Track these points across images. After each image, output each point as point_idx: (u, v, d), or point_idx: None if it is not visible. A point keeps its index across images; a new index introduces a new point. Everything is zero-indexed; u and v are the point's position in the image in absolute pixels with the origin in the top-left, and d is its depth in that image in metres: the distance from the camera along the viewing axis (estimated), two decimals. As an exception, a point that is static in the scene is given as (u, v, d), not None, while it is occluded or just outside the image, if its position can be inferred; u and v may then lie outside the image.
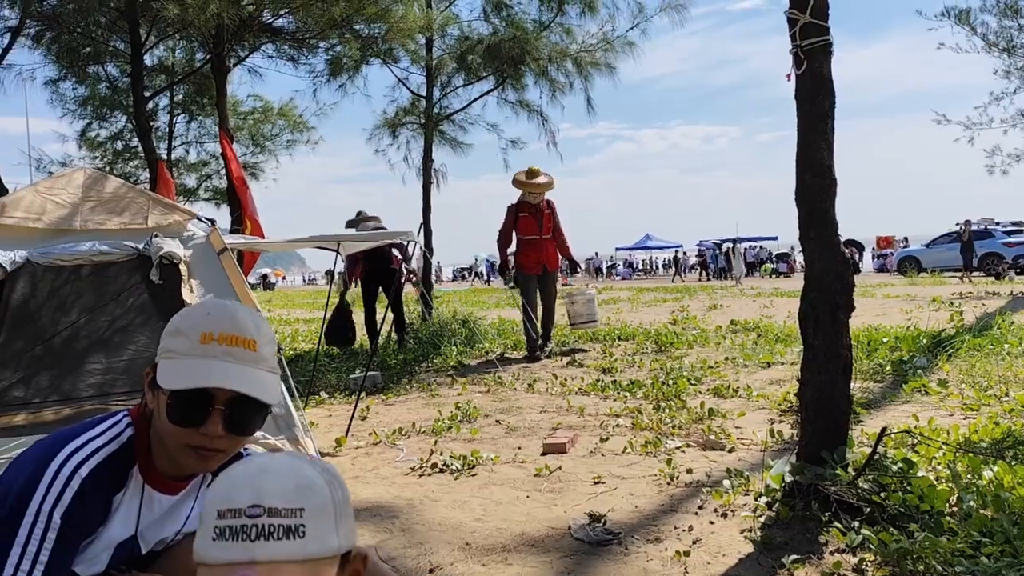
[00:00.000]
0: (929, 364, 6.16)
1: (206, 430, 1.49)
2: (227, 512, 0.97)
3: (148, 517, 1.62)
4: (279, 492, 0.98)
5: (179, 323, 1.54)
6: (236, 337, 1.52)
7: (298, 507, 0.98)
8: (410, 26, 8.94)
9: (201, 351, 1.50)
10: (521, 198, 8.53)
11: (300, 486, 1.00)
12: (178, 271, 4.53)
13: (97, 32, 10.11)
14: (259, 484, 0.98)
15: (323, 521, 1.00)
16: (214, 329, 1.51)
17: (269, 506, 0.96)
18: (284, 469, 1.01)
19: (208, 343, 1.50)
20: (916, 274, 24.77)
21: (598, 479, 3.94)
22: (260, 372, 1.54)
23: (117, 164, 16.37)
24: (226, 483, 1.01)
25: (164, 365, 1.51)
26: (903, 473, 3.10)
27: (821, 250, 3.31)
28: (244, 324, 1.55)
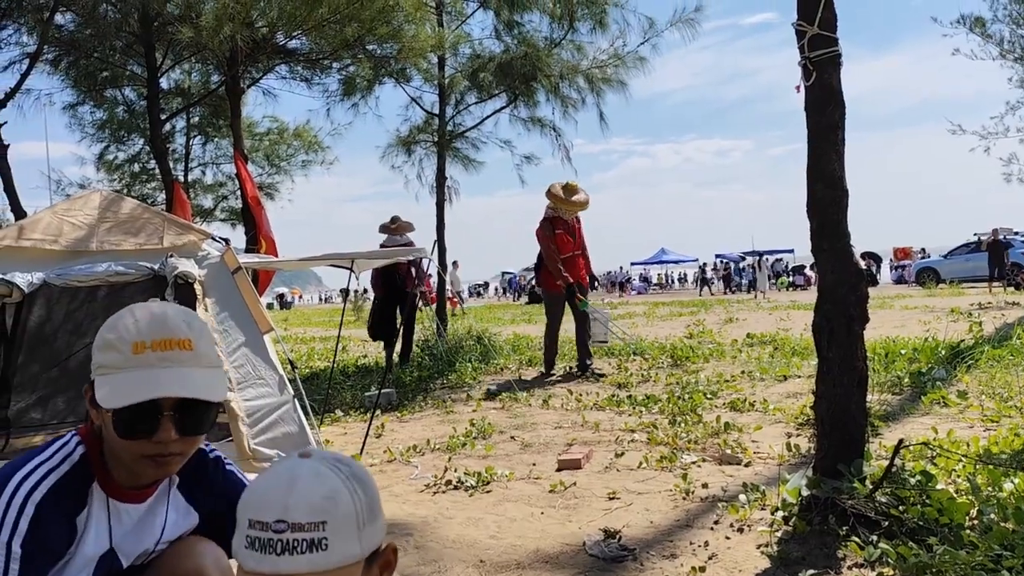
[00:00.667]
0: (948, 375, 6.09)
1: (159, 438, 1.45)
2: (256, 523, 1.03)
3: (121, 529, 1.59)
4: (303, 507, 1.03)
5: (108, 336, 1.48)
6: (169, 340, 1.47)
7: (321, 520, 1.03)
8: (422, 45, 9.01)
9: (136, 362, 1.45)
10: (554, 213, 8.16)
11: (324, 498, 1.04)
12: (193, 291, 4.57)
13: (114, 56, 10.26)
14: (285, 499, 1.03)
15: (345, 532, 1.04)
16: (145, 337, 1.46)
17: (293, 521, 1.02)
18: (310, 482, 1.05)
19: (141, 352, 1.45)
20: (935, 285, 24.54)
21: (613, 495, 3.92)
22: (200, 371, 1.49)
23: (134, 186, 16.55)
24: (258, 492, 1.06)
25: (101, 382, 1.46)
26: (922, 486, 3.06)
27: (834, 262, 3.30)
28: (175, 325, 1.49)
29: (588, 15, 10.36)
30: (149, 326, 1.47)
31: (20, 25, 9.05)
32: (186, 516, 1.71)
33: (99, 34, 8.77)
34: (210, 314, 4.57)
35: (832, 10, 3.32)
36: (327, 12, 7.63)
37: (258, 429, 4.35)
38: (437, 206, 10.85)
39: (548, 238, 8.03)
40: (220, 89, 11.31)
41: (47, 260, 4.49)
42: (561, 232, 8.09)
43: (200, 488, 1.72)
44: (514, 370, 8.69)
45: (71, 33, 9.36)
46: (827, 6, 3.29)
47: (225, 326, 4.58)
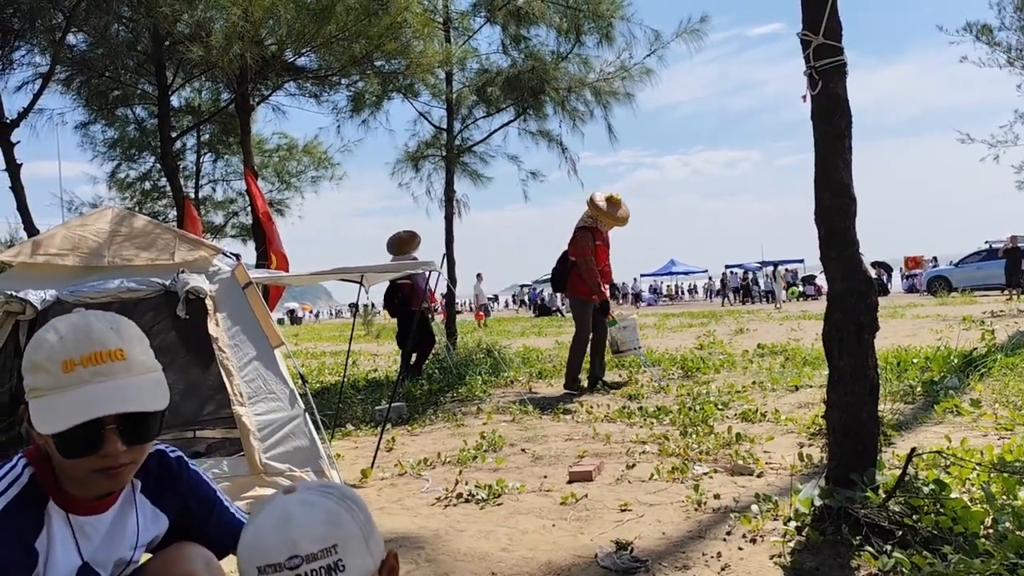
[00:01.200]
0: (961, 384, 6.05)
1: (105, 452, 1.40)
2: (268, 568, 1.03)
3: (89, 543, 1.55)
4: (310, 537, 1.03)
5: (34, 356, 1.41)
6: (99, 353, 1.40)
7: (331, 544, 1.04)
8: (429, 61, 9.06)
9: (67, 381, 1.38)
10: (591, 223, 7.94)
11: (326, 524, 1.05)
12: (204, 306, 4.59)
13: (125, 75, 10.37)
14: (289, 535, 1.03)
15: (356, 548, 1.07)
16: (73, 353, 1.39)
17: (306, 553, 1.02)
18: (306, 513, 1.06)
19: (72, 371, 1.38)
20: (947, 294, 24.41)
21: (625, 506, 3.91)
22: (137, 379, 1.43)
23: (146, 204, 16.69)
24: (257, 538, 1.06)
25: (35, 406, 1.39)
26: (935, 495, 3.03)
27: (842, 270, 3.29)
28: (103, 336, 1.42)
29: (594, 29, 10.41)
30: (75, 341, 1.40)
31: (33, 45, 9.16)
32: (155, 520, 1.68)
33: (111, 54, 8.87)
34: (221, 329, 4.60)
35: (837, 19, 3.34)
36: (335, 29, 7.70)
37: (269, 443, 4.36)
38: (446, 220, 10.89)
39: (589, 250, 7.80)
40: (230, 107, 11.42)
41: (60, 276, 4.53)
42: (599, 244, 7.94)
43: (165, 490, 1.69)
44: (524, 383, 8.69)
45: (83, 53, 9.47)
46: (832, 15, 3.31)
47: (236, 340, 4.61)
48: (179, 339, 5.18)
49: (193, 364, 5.60)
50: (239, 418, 4.37)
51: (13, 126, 9.31)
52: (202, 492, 1.75)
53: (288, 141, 18.48)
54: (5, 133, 9.20)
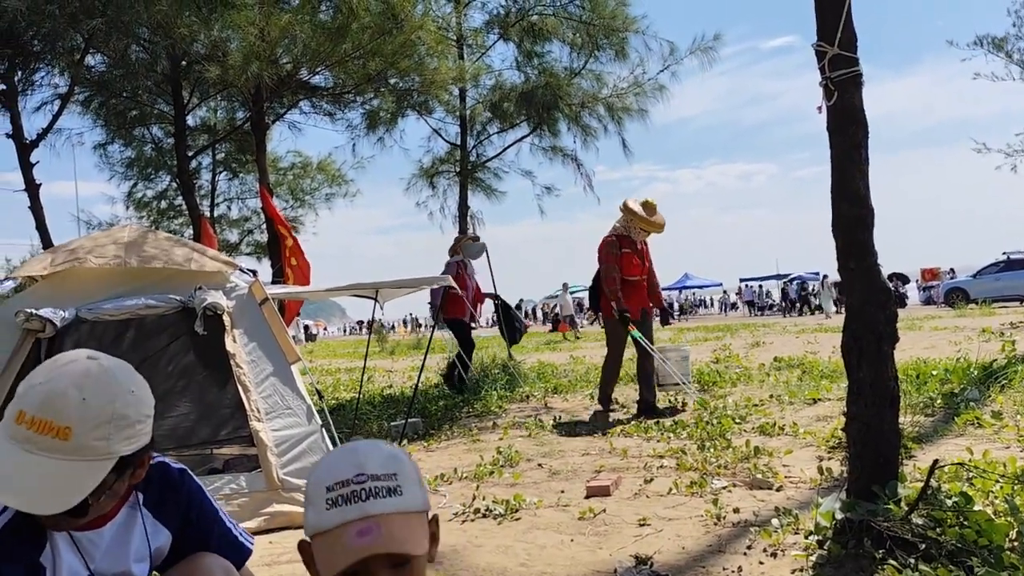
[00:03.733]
0: (981, 396, 5.98)
1: None
2: (336, 484, 1.15)
3: (94, 554, 1.56)
4: (376, 461, 1.17)
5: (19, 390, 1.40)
6: (47, 424, 1.34)
7: (393, 472, 1.17)
8: (443, 78, 9.13)
9: (11, 432, 1.36)
10: (624, 231, 7.35)
11: (390, 456, 1.20)
12: (221, 322, 4.62)
13: (143, 95, 10.50)
14: (358, 459, 1.17)
15: (412, 482, 1.19)
16: (28, 407, 1.35)
17: (371, 472, 1.16)
18: (372, 447, 1.21)
19: (18, 424, 1.35)
20: (964, 305, 24.19)
21: (643, 521, 3.88)
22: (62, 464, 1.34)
23: (162, 222, 16.84)
24: (328, 465, 1.19)
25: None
26: (959, 507, 3.00)
27: (861, 280, 3.27)
28: (62, 407, 1.35)
29: (608, 44, 10.46)
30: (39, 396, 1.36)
31: (52, 67, 9.30)
32: (157, 533, 1.68)
33: (129, 74, 8.99)
34: (238, 345, 4.63)
35: (852, 30, 3.34)
36: (351, 47, 7.76)
37: (287, 459, 4.37)
38: (460, 234, 10.92)
39: (613, 257, 7.22)
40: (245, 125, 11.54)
41: (80, 287, 4.56)
42: (628, 253, 7.31)
43: (167, 502, 1.69)
44: (540, 398, 8.67)
45: (102, 74, 9.60)
46: (847, 26, 3.31)
47: (253, 356, 4.63)
48: (196, 355, 5.21)
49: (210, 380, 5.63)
50: (256, 433, 4.39)
51: (33, 146, 9.44)
52: (204, 506, 1.76)
53: (302, 159, 18.65)
54: (25, 153, 9.33)
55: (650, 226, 7.29)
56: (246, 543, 1.83)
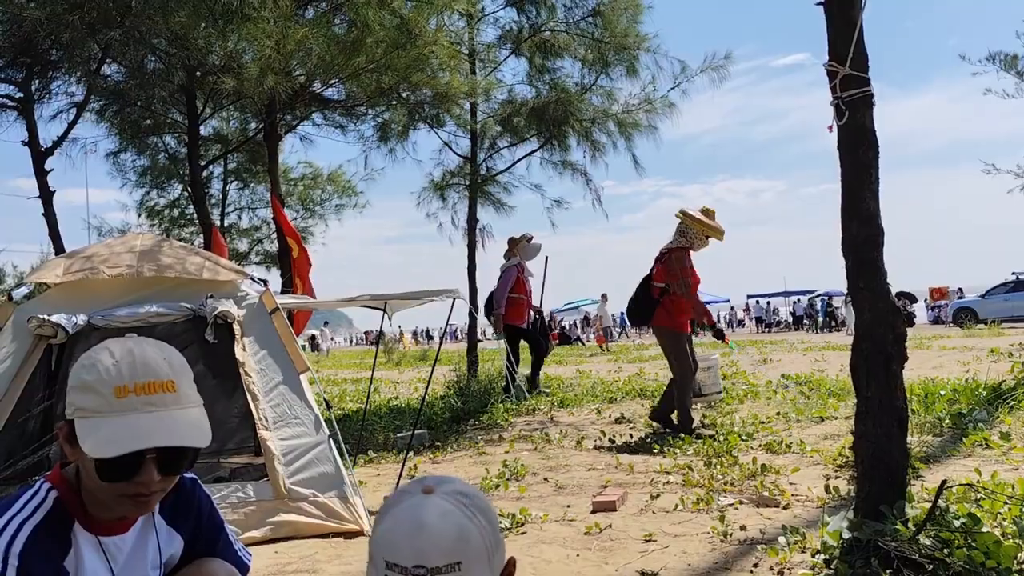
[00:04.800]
0: (990, 417, 5.96)
1: (140, 479, 1.42)
2: (394, 566, 1.08)
3: (117, 562, 1.57)
4: (440, 550, 1.08)
5: (85, 376, 1.41)
6: (153, 383, 1.42)
7: (456, 562, 1.08)
8: (455, 92, 9.18)
9: (119, 407, 1.39)
10: (688, 242, 6.85)
11: (457, 539, 1.09)
12: (232, 330, 4.65)
13: (157, 105, 10.59)
14: (420, 545, 1.08)
15: (479, 566, 1.10)
16: (127, 380, 1.40)
17: (432, 566, 1.07)
18: (439, 524, 1.10)
19: (124, 397, 1.39)
20: (973, 325, 24.08)
21: (649, 537, 3.88)
22: (185, 412, 1.44)
23: (173, 230, 16.94)
24: (391, 533, 1.11)
25: (83, 427, 1.40)
26: (967, 528, 2.99)
27: (871, 300, 3.28)
28: (157, 366, 1.44)
29: (619, 60, 10.51)
30: (130, 368, 1.41)
31: (69, 76, 9.39)
32: (171, 541, 1.70)
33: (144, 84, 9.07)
34: (248, 353, 4.65)
35: (863, 50, 3.36)
36: (364, 61, 7.82)
37: (294, 468, 4.38)
38: (469, 248, 10.95)
39: (688, 270, 6.74)
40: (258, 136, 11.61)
41: (91, 301, 4.60)
42: (692, 266, 6.85)
43: (180, 511, 1.70)
44: (546, 411, 8.66)
45: (117, 83, 9.69)
46: (858, 47, 3.33)
47: (262, 365, 4.65)
48: (206, 363, 5.25)
49: (219, 390, 5.66)
50: (264, 442, 4.40)
51: (48, 154, 9.53)
52: (212, 516, 1.77)
53: (313, 170, 18.76)
54: (40, 160, 9.42)
55: (715, 232, 6.84)
56: (245, 558, 1.83)
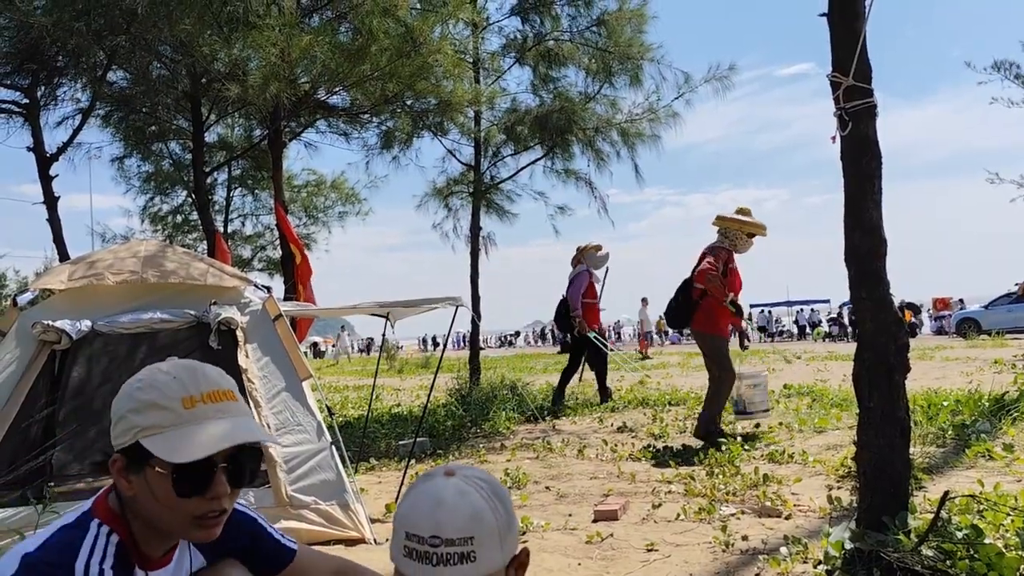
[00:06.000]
0: (993, 428, 5.95)
1: (213, 493, 1.43)
2: (413, 536, 1.18)
3: None
4: (454, 524, 1.17)
5: (144, 396, 1.42)
6: (218, 392, 1.47)
7: (469, 536, 1.18)
8: (459, 100, 9.20)
9: (190, 416, 1.42)
10: (731, 244, 6.61)
11: (471, 517, 1.19)
12: (235, 337, 4.66)
13: (162, 112, 10.63)
14: (437, 518, 1.18)
15: (490, 544, 1.19)
16: (193, 391, 1.44)
17: (446, 537, 1.17)
18: (457, 501, 1.20)
19: (194, 407, 1.43)
20: (976, 336, 24.04)
21: (651, 546, 3.87)
22: (248, 419, 1.50)
23: (177, 237, 16.95)
24: (412, 509, 1.21)
25: (154, 442, 1.40)
26: (969, 540, 2.99)
27: (873, 310, 3.28)
28: (217, 377, 1.49)
29: (623, 70, 10.54)
30: (192, 379, 1.46)
31: (75, 82, 9.44)
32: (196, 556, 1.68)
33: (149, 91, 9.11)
34: (251, 360, 4.66)
35: (867, 62, 3.37)
36: (369, 69, 7.85)
37: (296, 475, 4.38)
38: (472, 255, 10.96)
39: (720, 266, 6.51)
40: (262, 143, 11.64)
41: (95, 307, 4.61)
42: (734, 268, 6.59)
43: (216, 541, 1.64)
44: (548, 420, 8.66)
45: (123, 90, 9.73)
46: (862, 58, 3.34)
47: (265, 372, 4.66)
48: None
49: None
50: (266, 450, 4.40)
51: (52, 160, 9.56)
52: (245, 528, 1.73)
53: (317, 177, 18.80)
54: (45, 166, 9.45)
55: (755, 227, 6.53)
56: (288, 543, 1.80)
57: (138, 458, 1.41)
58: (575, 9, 10.68)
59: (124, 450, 1.43)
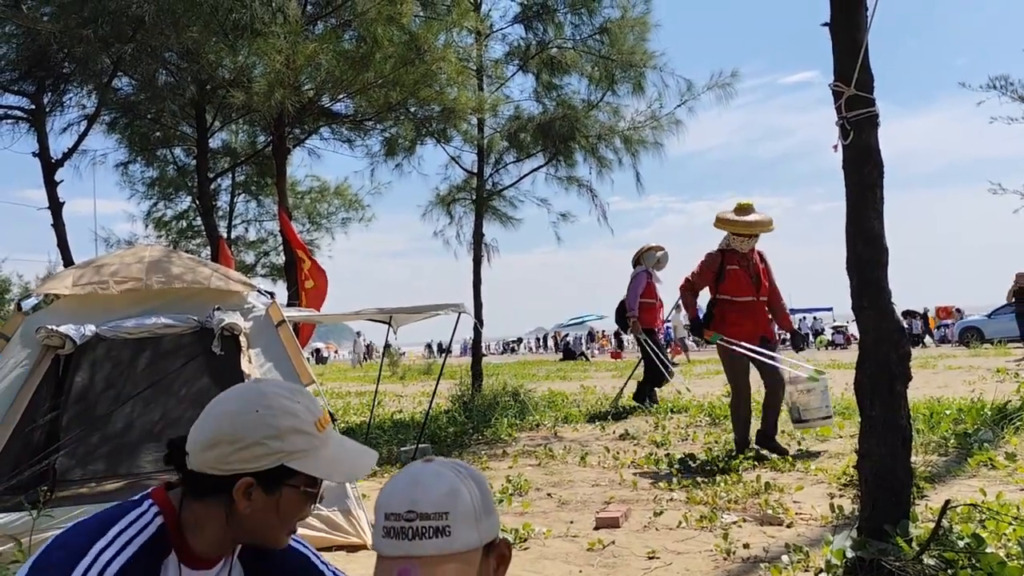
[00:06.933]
0: (995, 437, 5.94)
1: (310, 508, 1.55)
2: (391, 515, 1.20)
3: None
4: (430, 499, 1.20)
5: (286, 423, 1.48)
6: (326, 415, 1.56)
7: (444, 511, 1.19)
8: (463, 108, 9.24)
9: (323, 439, 1.52)
10: (726, 244, 6.44)
11: (446, 494, 1.21)
12: (238, 342, 4.67)
13: (167, 118, 10.68)
14: (413, 494, 1.21)
15: (466, 521, 1.20)
16: (319, 415, 1.53)
17: (421, 512, 1.19)
18: (433, 480, 1.23)
19: (324, 429, 1.53)
20: (979, 345, 24.01)
21: (652, 554, 3.87)
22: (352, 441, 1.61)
23: (180, 242, 17.01)
24: (390, 490, 1.24)
25: (307, 464, 1.49)
26: (971, 549, 2.99)
27: (875, 319, 3.29)
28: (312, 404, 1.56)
29: (626, 78, 10.57)
30: (312, 403, 1.55)
31: (81, 88, 9.48)
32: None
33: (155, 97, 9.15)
34: (253, 365, 4.67)
35: (869, 71, 3.39)
36: (373, 77, 7.89)
37: (298, 481, 4.38)
38: (474, 262, 10.98)
39: (704, 272, 6.41)
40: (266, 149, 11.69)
41: (99, 312, 4.63)
42: (736, 269, 6.32)
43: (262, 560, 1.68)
44: (550, 427, 8.66)
45: (128, 96, 9.78)
46: (863, 67, 3.36)
47: (268, 377, 4.67)
48: (212, 375, 5.27)
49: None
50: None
51: (58, 165, 9.61)
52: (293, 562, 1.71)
53: (320, 183, 18.87)
54: (50, 172, 9.50)
55: (746, 228, 6.26)
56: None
57: (275, 479, 1.47)
58: (578, 17, 10.72)
59: (258, 473, 1.47)
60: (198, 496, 1.49)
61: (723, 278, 6.34)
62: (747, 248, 6.34)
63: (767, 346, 6.33)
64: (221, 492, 1.47)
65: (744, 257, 6.35)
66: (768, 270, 6.50)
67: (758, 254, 6.47)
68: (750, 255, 6.37)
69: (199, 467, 1.46)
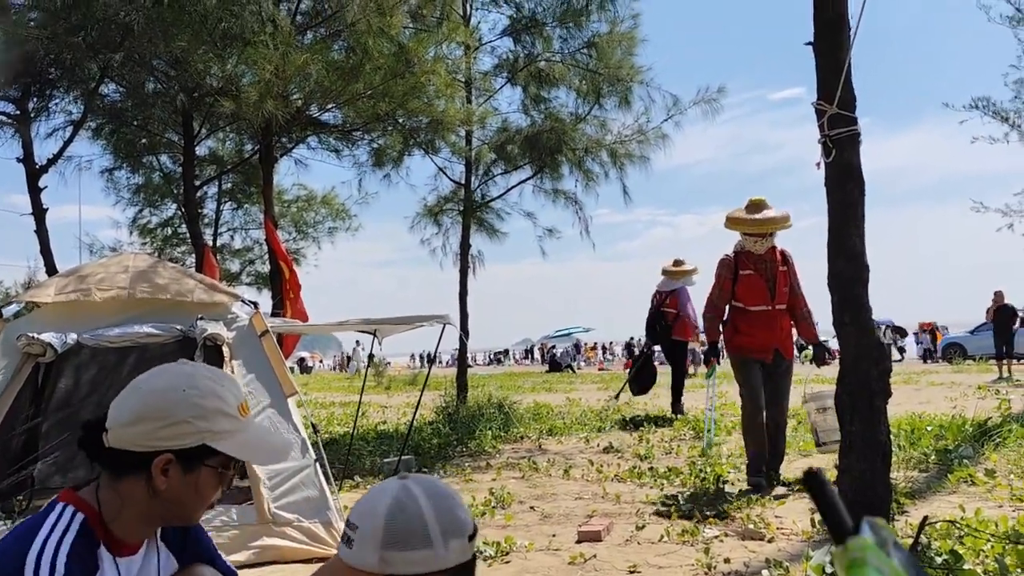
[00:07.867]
0: (975, 453, 5.99)
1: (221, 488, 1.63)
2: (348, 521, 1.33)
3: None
4: (360, 509, 1.32)
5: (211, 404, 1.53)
6: (247, 402, 1.65)
7: (356, 524, 1.30)
8: (451, 120, 9.27)
9: (245, 423, 1.60)
10: (740, 246, 5.86)
11: (368, 506, 1.31)
12: (221, 352, 4.65)
13: (154, 125, 10.64)
14: (361, 503, 1.33)
15: (368, 542, 1.27)
16: (241, 399, 1.61)
17: (350, 519, 1.32)
18: (372, 493, 1.34)
19: (247, 414, 1.61)
20: (962, 361, 24.19)
21: (634, 568, 3.87)
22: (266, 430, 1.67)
23: (165, 249, 16.92)
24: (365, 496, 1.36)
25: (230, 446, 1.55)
26: (948, 566, 3.01)
27: (855, 336, 3.32)
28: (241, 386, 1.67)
29: (613, 92, 10.64)
30: (236, 388, 1.62)
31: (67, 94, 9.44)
32: (168, 564, 1.73)
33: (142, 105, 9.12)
34: (236, 375, 4.65)
35: (851, 91, 3.43)
36: (362, 87, 7.90)
37: (279, 492, 4.37)
38: (460, 273, 10.98)
39: (723, 285, 5.82)
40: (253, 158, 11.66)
41: (80, 320, 4.60)
42: (750, 274, 5.73)
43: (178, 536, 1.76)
44: (534, 439, 8.65)
45: (115, 103, 9.74)
46: (846, 87, 3.41)
47: (251, 388, 4.65)
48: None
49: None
50: (248, 465, 4.39)
51: (42, 171, 9.54)
52: (204, 542, 1.83)
53: (307, 192, 18.85)
54: (34, 178, 9.43)
55: (755, 227, 5.69)
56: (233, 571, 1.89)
57: (194, 457, 1.52)
58: (566, 31, 10.79)
59: (179, 450, 1.51)
60: (117, 475, 1.53)
61: (736, 286, 5.77)
62: (762, 249, 5.71)
63: (782, 362, 5.76)
64: (140, 469, 1.51)
65: (760, 259, 5.73)
66: (790, 273, 5.84)
67: (780, 254, 5.83)
68: (768, 256, 5.74)
69: (120, 443, 1.50)
